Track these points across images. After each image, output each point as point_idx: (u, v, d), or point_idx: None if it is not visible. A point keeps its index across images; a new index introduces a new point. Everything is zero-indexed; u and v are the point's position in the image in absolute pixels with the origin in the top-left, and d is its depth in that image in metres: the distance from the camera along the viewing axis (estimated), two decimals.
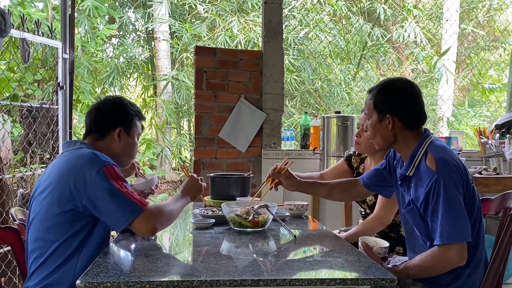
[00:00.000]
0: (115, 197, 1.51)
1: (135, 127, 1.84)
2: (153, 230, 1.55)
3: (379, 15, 6.72)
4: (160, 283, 1.22)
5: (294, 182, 2.03)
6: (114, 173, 1.56)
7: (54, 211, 1.54)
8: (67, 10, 3.17)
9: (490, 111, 7.93)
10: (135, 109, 1.85)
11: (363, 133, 2.27)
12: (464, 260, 1.54)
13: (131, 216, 1.51)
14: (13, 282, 3.00)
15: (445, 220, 1.52)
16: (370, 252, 1.67)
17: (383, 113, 1.69)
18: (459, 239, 1.51)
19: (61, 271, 1.54)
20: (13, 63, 4.44)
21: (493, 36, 8.01)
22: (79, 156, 1.60)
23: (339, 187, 2.07)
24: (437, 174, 1.55)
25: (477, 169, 3.30)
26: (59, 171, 1.59)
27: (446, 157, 1.59)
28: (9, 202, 3.13)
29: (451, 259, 1.52)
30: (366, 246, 1.69)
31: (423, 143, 1.66)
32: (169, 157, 7.55)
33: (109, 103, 1.82)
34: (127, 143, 1.81)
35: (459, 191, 1.55)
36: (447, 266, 1.56)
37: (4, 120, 3.41)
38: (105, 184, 1.52)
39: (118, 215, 1.52)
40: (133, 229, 1.55)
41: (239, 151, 3.55)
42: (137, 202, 1.53)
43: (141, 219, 1.52)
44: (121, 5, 7.88)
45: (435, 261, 1.55)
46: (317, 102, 6.77)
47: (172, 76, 7.01)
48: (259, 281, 1.23)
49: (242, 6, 7.04)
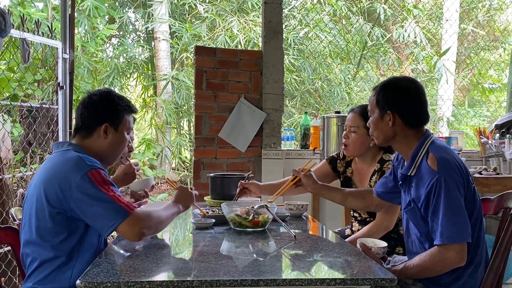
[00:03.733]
0: (101, 201, 1.48)
1: (124, 122, 1.76)
2: (140, 234, 1.50)
3: (379, 15, 6.72)
4: (160, 283, 1.22)
5: (312, 182, 2.06)
6: (100, 177, 1.52)
7: (44, 215, 1.53)
8: (67, 10, 3.17)
9: (490, 111, 7.92)
10: (123, 103, 1.76)
11: (350, 134, 2.24)
12: (463, 260, 1.54)
13: (117, 220, 1.47)
14: (13, 282, 3.00)
15: (445, 220, 1.52)
16: (369, 253, 1.67)
17: (384, 109, 1.71)
18: (458, 240, 1.51)
19: (57, 276, 1.53)
20: (13, 63, 4.44)
21: (493, 36, 8.00)
22: (64, 161, 1.56)
23: (354, 194, 2.07)
24: (439, 174, 1.55)
25: (477, 169, 3.30)
26: (46, 175, 1.56)
27: (447, 157, 1.59)
28: (9, 202, 3.13)
29: (450, 259, 1.52)
30: (365, 247, 1.69)
31: (424, 143, 1.66)
32: (169, 157, 7.55)
33: (95, 98, 1.73)
34: (115, 140, 1.73)
35: (460, 191, 1.55)
36: (446, 266, 1.56)
37: (4, 120, 3.41)
38: (90, 189, 1.48)
39: (104, 219, 1.48)
40: (119, 233, 1.51)
41: (239, 151, 3.55)
42: (123, 206, 1.49)
43: (127, 224, 1.47)
44: (121, 5, 7.88)
45: (434, 261, 1.55)
46: (317, 102, 6.77)
47: (172, 76, 7.01)
48: (259, 281, 1.23)
49: (242, 6, 7.04)
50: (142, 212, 1.54)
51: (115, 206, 1.48)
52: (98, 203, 1.48)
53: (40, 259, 1.54)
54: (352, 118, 2.25)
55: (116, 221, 1.47)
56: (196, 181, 3.50)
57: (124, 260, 1.47)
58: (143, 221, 1.51)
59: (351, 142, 2.24)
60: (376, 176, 2.20)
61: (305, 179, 2.07)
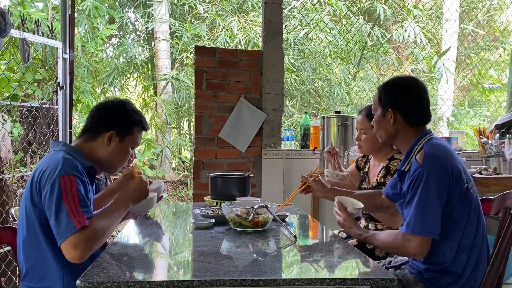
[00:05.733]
0: (57, 210, 1.44)
1: (132, 135, 1.74)
2: (80, 258, 1.42)
3: (379, 15, 6.72)
4: (160, 283, 1.22)
5: (321, 187, 2.08)
6: (69, 184, 1.47)
7: (31, 214, 1.53)
8: (67, 10, 3.17)
9: (490, 111, 7.93)
10: (137, 117, 1.74)
11: (361, 136, 2.36)
12: (422, 254, 1.58)
13: (64, 234, 1.42)
14: (13, 282, 3.00)
15: (414, 212, 1.57)
16: (344, 212, 1.77)
17: (386, 107, 1.75)
18: (422, 233, 1.55)
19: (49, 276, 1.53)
20: (13, 63, 4.44)
21: (493, 36, 8.00)
22: (50, 161, 1.56)
23: (364, 195, 2.08)
24: (422, 167, 1.59)
25: (477, 169, 3.30)
26: (32, 175, 1.57)
27: (437, 153, 1.62)
28: (9, 202, 3.13)
29: (409, 249, 1.57)
30: (341, 206, 1.78)
31: (421, 140, 1.69)
32: (169, 157, 7.55)
33: (111, 104, 1.74)
34: (118, 150, 1.70)
35: (442, 187, 1.57)
36: (404, 253, 1.65)
37: (4, 120, 3.41)
38: (55, 193, 1.46)
39: (55, 228, 1.44)
40: (63, 251, 1.43)
41: (239, 151, 3.55)
42: (74, 221, 1.42)
43: (71, 241, 1.41)
44: (121, 5, 7.88)
45: (395, 245, 1.62)
46: (317, 102, 6.77)
47: (172, 76, 7.01)
48: (259, 281, 1.23)
49: (242, 6, 7.04)
50: (91, 230, 1.45)
51: (67, 221, 1.43)
52: (55, 211, 1.44)
53: (32, 259, 1.55)
54: (361, 120, 2.36)
55: (63, 235, 1.42)
56: (196, 181, 3.50)
57: (124, 260, 1.47)
58: (88, 242, 1.43)
59: (363, 143, 2.36)
60: (383, 172, 2.27)
61: (314, 185, 2.08)
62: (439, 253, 1.62)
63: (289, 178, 3.56)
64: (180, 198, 7.40)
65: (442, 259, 1.62)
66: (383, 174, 2.26)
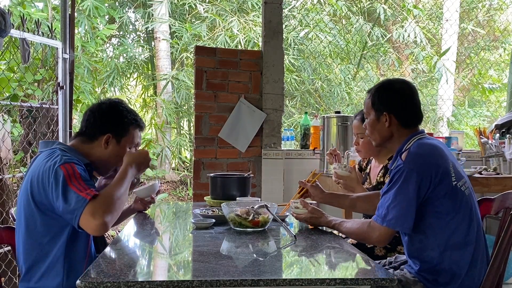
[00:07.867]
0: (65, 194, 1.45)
1: (128, 136, 1.74)
2: (102, 226, 1.42)
3: (379, 15, 6.72)
4: (160, 283, 1.22)
5: (319, 192, 2.09)
6: (71, 169, 1.49)
7: (32, 215, 1.53)
8: (67, 10, 3.17)
9: (490, 111, 7.92)
10: (131, 116, 1.75)
11: (359, 140, 2.40)
12: (383, 243, 1.68)
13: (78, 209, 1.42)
14: (13, 282, 3.00)
15: (388, 204, 1.61)
16: (308, 207, 1.88)
17: (380, 111, 1.76)
18: (387, 224, 1.60)
19: (48, 276, 1.53)
20: (13, 63, 4.44)
21: (493, 36, 8.00)
22: (47, 159, 1.55)
23: (362, 199, 2.10)
24: (403, 165, 1.62)
25: (477, 169, 3.29)
26: (30, 175, 1.56)
27: (420, 152, 1.64)
28: (9, 202, 3.13)
29: (372, 236, 1.65)
30: (305, 204, 1.89)
31: (410, 139, 1.72)
32: (169, 157, 7.54)
33: (104, 107, 1.74)
34: (115, 152, 1.71)
35: (421, 185, 1.59)
36: (366, 240, 1.74)
37: (4, 120, 3.41)
38: (59, 181, 1.46)
39: (66, 212, 1.44)
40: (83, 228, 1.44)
41: (239, 151, 3.55)
42: (83, 195, 1.44)
43: (87, 213, 1.41)
44: (121, 5, 7.88)
45: (359, 231, 1.70)
46: (317, 102, 6.77)
47: (172, 76, 7.01)
48: (259, 281, 1.23)
49: (242, 6, 7.04)
50: (103, 197, 1.47)
51: (76, 196, 1.44)
52: (63, 195, 1.45)
53: (31, 259, 1.55)
54: (357, 125, 2.40)
55: (77, 212, 1.42)
56: (196, 181, 3.50)
57: (124, 260, 1.47)
58: (103, 206, 1.44)
59: (361, 147, 2.41)
60: (382, 171, 2.32)
61: (312, 190, 2.09)
62: (426, 248, 1.64)
63: (289, 178, 3.56)
64: (180, 198, 7.40)
65: (430, 254, 1.64)
66: (383, 174, 2.31)
